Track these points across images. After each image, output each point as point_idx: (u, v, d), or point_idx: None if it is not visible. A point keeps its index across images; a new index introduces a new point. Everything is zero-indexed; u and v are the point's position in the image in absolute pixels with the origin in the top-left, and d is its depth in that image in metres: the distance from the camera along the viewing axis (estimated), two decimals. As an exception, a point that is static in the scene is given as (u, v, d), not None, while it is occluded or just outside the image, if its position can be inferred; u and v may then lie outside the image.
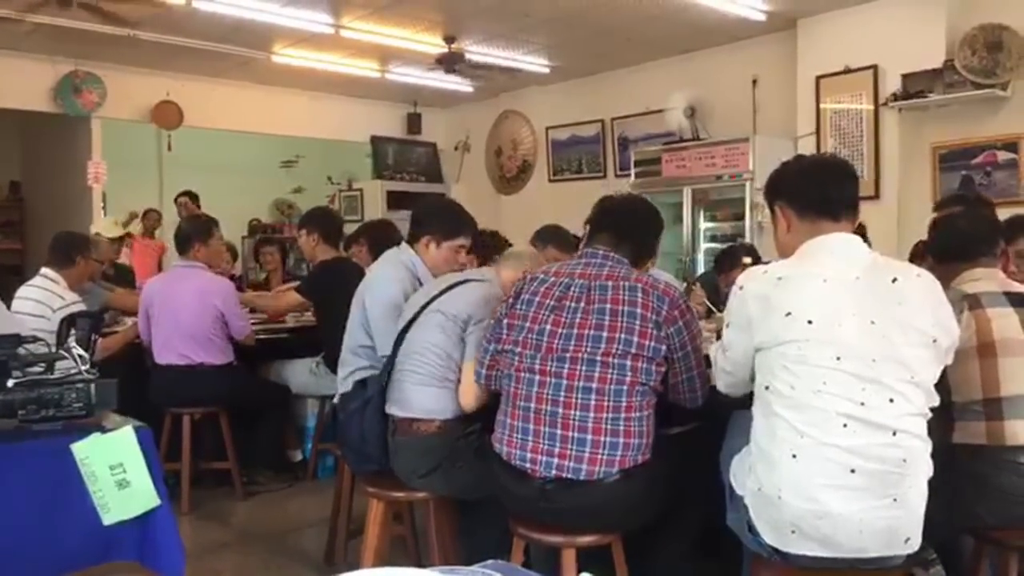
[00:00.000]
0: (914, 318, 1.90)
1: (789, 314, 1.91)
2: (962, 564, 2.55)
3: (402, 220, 6.26)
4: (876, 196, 5.78)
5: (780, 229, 2.16)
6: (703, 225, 6.87)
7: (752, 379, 2.05)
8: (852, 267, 1.95)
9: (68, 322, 2.23)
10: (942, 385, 2.24)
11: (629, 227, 2.46)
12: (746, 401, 2.10)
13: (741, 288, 2.03)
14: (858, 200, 2.14)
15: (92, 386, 2.12)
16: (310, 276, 4.54)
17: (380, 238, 4.32)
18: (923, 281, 1.97)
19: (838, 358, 1.87)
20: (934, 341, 1.91)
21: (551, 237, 3.83)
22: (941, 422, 2.28)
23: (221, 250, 4.99)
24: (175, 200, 7.47)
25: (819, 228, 2.05)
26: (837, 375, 1.87)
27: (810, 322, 1.89)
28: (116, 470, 2.03)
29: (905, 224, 5.59)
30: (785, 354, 1.91)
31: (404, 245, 3.16)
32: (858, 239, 2.03)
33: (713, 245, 6.66)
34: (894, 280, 1.94)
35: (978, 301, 2.28)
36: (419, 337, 2.69)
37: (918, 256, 3.81)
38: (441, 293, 2.72)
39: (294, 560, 3.55)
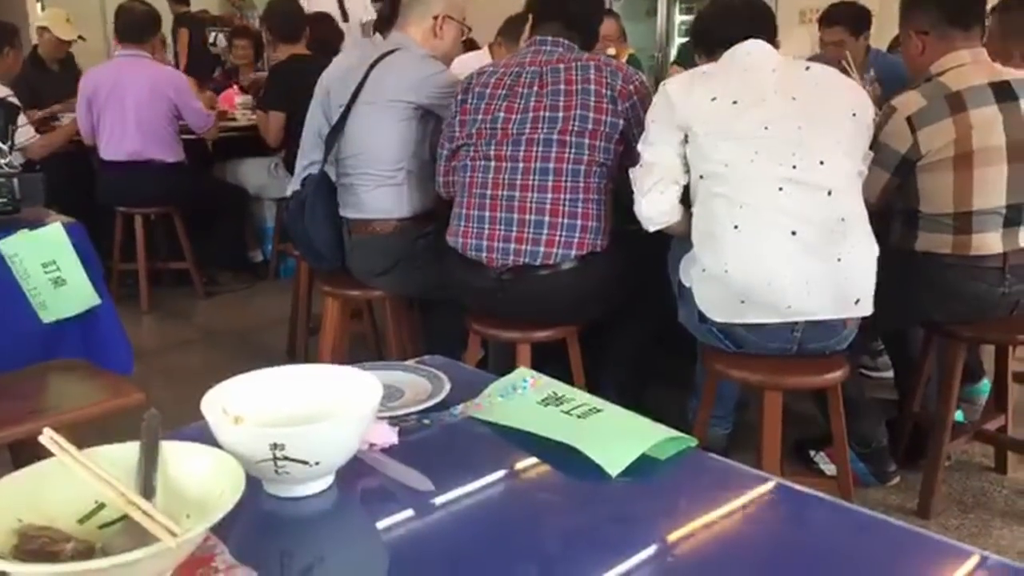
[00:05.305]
0: (831, 96, 1.98)
1: (714, 99, 1.95)
2: (908, 353, 2.61)
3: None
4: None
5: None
6: (678, 19, 6.56)
7: (682, 202, 2.04)
8: (769, 61, 2.00)
9: (-20, 113, 2.06)
10: (908, 192, 2.20)
11: (580, 13, 2.34)
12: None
13: (664, 85, 2.04)
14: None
15: (15, 181, 2.00)
16: (266, 89, 4.22)
17: (320, 36, 4.04)
18: (834, 70, 2.07)
19: (766, 127, 1.90)
20: (854, 115, 1.97)
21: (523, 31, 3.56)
22: (903, 229, 2.25)
23: (162, 50, 4.70)
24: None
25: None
26: (767, 142, 1.90)
27: (735, 102, 1.93)
28: (49, 268, 1.94)
29: (887, 15, 5.32)
30: (714, 131, 1.93)
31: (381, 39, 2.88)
32: (768, 45, 2.03)
33: (688, 40, 6.38)
34: (807, 68, 2.02)
35: (962, 103, 2.12)
36: (362, 133, 2.54)
37: (896, 49, 3.63)
38: (364, 81, 2.53)
39: (258, 355, 3.57)
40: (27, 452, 1.83)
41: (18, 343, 2.00)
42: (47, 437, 0.71)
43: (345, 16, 5.07)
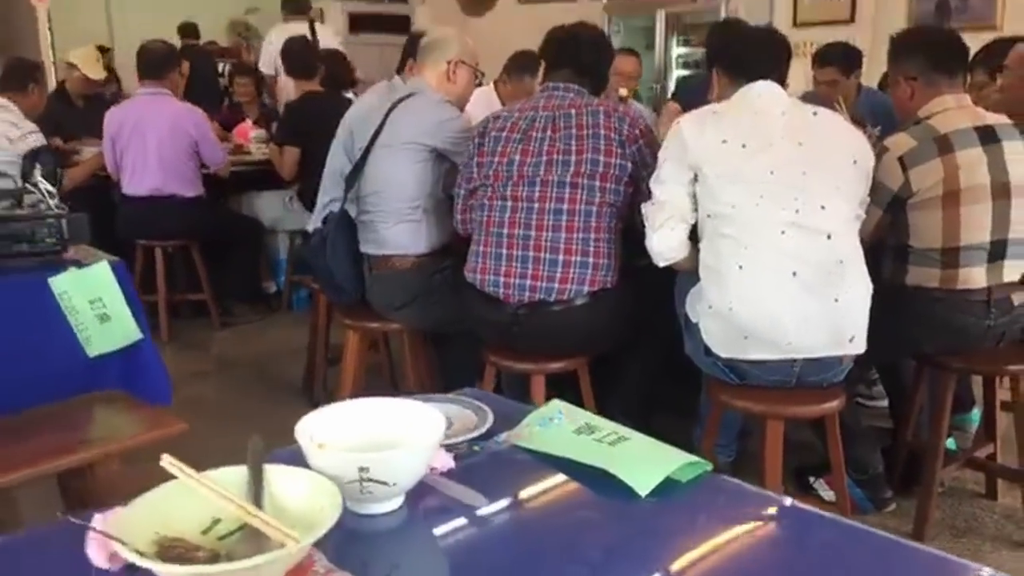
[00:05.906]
0: (835, 142, 2.10)
1: (725, 141, 2.07)
2: (901, 384, 2.73)
3: (364, 45, 6.02)
4: (851, 20, 5.65)
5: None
6: (676, 51, 6.72)
7: (689, 236, 2.16)
8: (778, 104, 2.12)
9: (32, 156, 2.19)
10: (899, 228, 2.33)
11: (592, 62, 2.48)
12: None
13: (678, 123, 2.15)
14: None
15: (64, 221, 2.11)
16: (281, 125, 4.41)
17: (332, 73, 4.22)
18: (840, 117, 2.24)
19: (772, 172, 2.02)
20: (855, 162, 2.10)
21: (529, 67, 3.69)
22: (894, 263, 2.38)
23: (181, 82, 4.84)
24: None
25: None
26: (772, 187, 2.02)
27: (744, 146, 2.05)
28: (96, 304, 2.06)
29: (878, 51, 5.49)
30: (724, 174, 2.05)
31: (399, 81, 3.04)
32: (779, 87, 2.15)
33: (686, 72, 6.55)
34: (815, 113, 2.14)
35: (949, 144, 2.25)
36: (380, 173, 2.67)
37: (885, 86, 3.78)
38: (383, 124, 2.67)
39: (275, 386, 3.68)
40: (76, 480, 1.94)
41: (65, 375, 2.10)
42: (167, 462, 0.84)
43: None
